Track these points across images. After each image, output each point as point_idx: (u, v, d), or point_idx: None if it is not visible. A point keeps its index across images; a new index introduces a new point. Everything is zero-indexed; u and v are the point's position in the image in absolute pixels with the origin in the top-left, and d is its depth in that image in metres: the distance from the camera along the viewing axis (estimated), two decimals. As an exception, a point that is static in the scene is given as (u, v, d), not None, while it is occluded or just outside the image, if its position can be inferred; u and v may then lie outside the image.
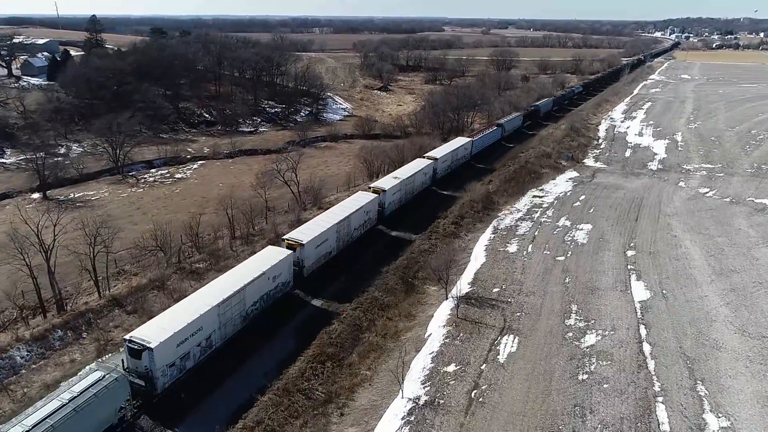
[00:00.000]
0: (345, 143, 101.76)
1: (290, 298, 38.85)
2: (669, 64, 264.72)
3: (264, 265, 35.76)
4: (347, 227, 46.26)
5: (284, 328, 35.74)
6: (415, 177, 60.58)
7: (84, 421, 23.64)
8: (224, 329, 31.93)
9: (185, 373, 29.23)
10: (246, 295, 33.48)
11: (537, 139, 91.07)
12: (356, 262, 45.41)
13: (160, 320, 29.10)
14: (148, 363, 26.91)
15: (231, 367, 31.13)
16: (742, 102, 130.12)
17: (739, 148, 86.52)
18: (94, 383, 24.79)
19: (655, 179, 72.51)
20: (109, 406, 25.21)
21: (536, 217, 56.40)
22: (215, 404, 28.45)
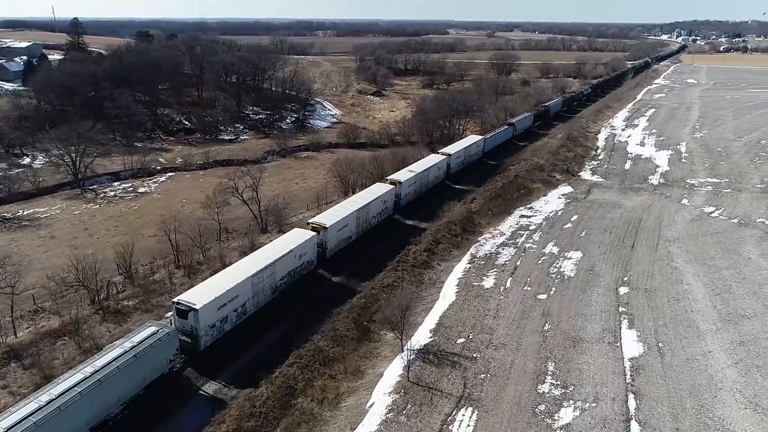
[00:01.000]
0: (328, 153, 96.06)
1: (314, 275, 43.13)
2: (675, 67, 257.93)
3: (292, 243, 39.92)
4: (366, 215, 49.63)
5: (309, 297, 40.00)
6: (429, 171, 63.97)
7: (142, 367, 27.38)
8: (257, 298, 35.91)
9: (224, 335, 33.00)
10: (276, 270, 37.37)
11: (530, 150, 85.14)
12: (373, 248, 49.10)
13: (203, 287, 33.12)
14: (194, 322, 30.65)
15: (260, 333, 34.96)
16: (751, 109, 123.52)
17: (748, 161, 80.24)
18: (150, 335, 28.41)
19: (656, 196, 66.44)
20: (162, 356, 28.86)
21: (521, 242, 50.49)
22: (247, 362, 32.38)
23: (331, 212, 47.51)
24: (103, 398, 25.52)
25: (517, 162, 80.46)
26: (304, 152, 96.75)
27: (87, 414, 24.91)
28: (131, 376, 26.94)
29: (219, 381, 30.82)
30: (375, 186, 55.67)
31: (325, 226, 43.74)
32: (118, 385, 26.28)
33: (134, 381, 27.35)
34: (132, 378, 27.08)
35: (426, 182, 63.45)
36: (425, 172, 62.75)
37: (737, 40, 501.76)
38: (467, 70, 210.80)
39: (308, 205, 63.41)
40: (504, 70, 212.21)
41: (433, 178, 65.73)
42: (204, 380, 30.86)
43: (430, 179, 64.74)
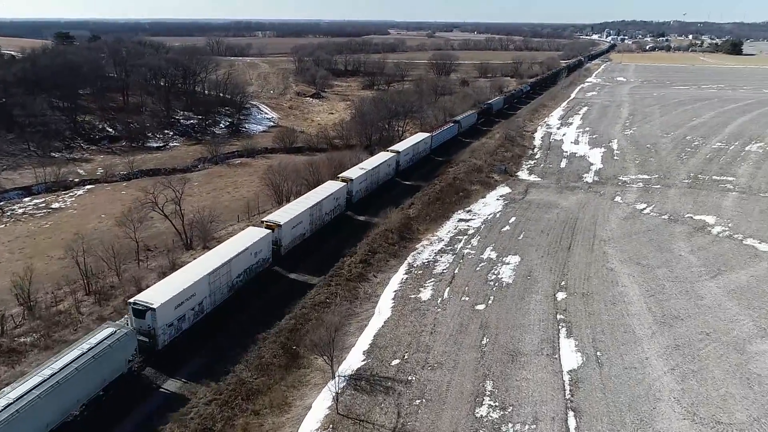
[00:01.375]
0: (263, 159, 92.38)
1: (270, 273, 43.66)
2: (605, 66, 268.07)
3: (247, 242, 40.42)
4: (319, 212, 51.08)
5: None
6: (379, 168, 65.94)
7: (101, 368, 27.48)
8: (213, 296, 36.26)
9: (181, 333, 33.26)
10: (232, 267, 37.91)
11: (468, 150, 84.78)
12: (327, 244, 50.06)
13: (159, 287, 33.37)
14: (151, 322, 30.82)
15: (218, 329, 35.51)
16: (676, 105, 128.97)
17: (675, 156, 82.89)
18: (108, 336, 28.55)
19: (591, 194, 67.10)
20: (121, 356, 29.03)
21: (459, 247, 49.23)
22: (205, 359, 32.69)
23: (285, 210, 48.74)
24: (62, 400, 25.71)
25: (462, 158, 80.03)
26: (238, 159, 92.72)
27: (47, 416, 25.04)
28: (90, 377, 27.16)
29: (179, 378, 30.93)
30: (327, 183, 56.99)
31: (279, 223, 44.76)
32: (77, 387, 26.44)
33: (93, 382, 27.62)
34: (91, 379, 27.31)
35: (377, 179, 65.38)
36: (376, 169, 64.57)
37: (661, 40, 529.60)
38: (407, 71, 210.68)
39: (239, 217, 60.04)
40: (443, 70, 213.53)
41: (384, 174, 67.82)
42: (164, 378, 31.04)
43: (381, 176, 66.72)
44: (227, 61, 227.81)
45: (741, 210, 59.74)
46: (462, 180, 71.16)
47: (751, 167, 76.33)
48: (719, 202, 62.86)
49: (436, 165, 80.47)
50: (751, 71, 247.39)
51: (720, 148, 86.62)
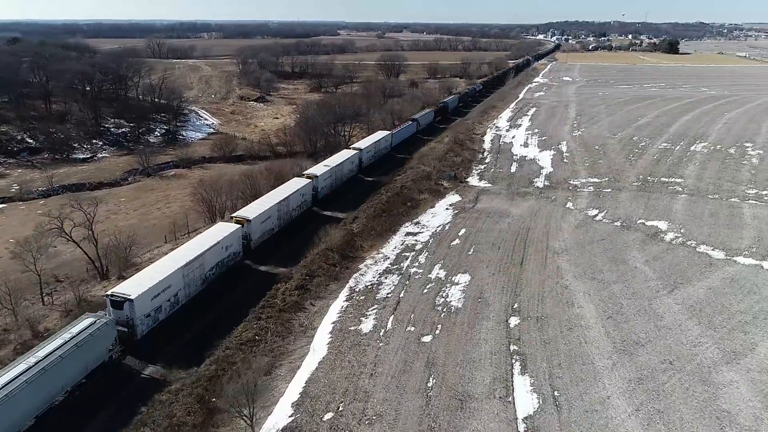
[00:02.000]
0: (200, 169, 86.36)
1: (241, 266, 45.00)
2: (551, 66, 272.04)
3: (218, 236, 41.69)
4: (287, 207, 52.85)
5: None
6: (343, 165, 67.80)
7: (83, 356, 28.77)
8: (188, 289, 37.44)
9: (159, 324, 34.38)
10: (205, 261, 39.06)
11: (416, 157, 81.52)
12: (294, 239, 51.61)
13: (135, 279, 34.54)
14: (129, 312, 31.82)
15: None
16: (621, 105, 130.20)
17: (624, 158, 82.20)
18: (89, 326, 29.73)
19: (543, 200, 64.94)
20: (102, 344, 30.22)
21: (405, 266, 45.57)
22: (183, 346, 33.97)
23: (254, 205, 49.93)
24: (48, 386, 26.74)
25: (410, 165, 76.78)
26: (173, 170, 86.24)
27: (33, 402, 26.04)
28: (74, 365, 28.26)
29: (158, 364, 31.99)
30: (294, 180, 58.56)
31: (248, 218, 46.12)
32: (61, 374, 27.51)
33: (77, 369, 28.67)
34: (74, 366, 28.37)
35: (341, 175, 67.51)
36: (339, 166, 66.66)
37: (603, 39, 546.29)
38: (356, 72, 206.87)
39: (166, 237, 54.43)
40: (393, 71, 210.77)
41: (347, 171, 69.78)
42: (143, 365, 32.09)
43: (344, 173, 68.78)
44: (168, 64, 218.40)
45: (691, 214, 58.69)
46: (410, 189, 67.71)
47: (697, 168, 76.24)
48: (670, 205, 61.77)
49: (397, 162, 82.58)
50: (689, 70, 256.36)
51: (666, 148, 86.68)
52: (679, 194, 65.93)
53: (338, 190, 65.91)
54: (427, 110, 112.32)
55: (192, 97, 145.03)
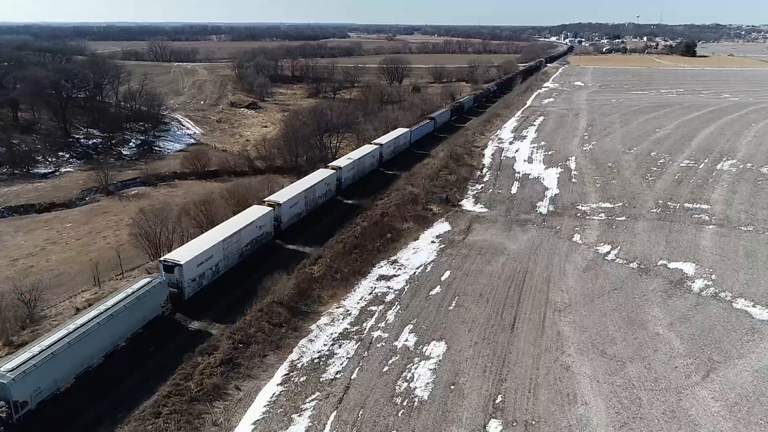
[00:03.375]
0: (166, 188, 78.16)
1: (272, 244, 49.62)
2: (563, 69, 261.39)
3: (253, 217, 46.83)
4: (313, 194, 56.89)
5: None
6: (365, 158, 71.76)
7: (142, 308, 33.95)
8: (227, 260, 42.40)
9: (202, 289, 39.45)
10: (241, 237, 44.20)
11: (404, 177, 72.40)
12: (320, 223, 55.65)
13: (184, 248, 39.93)
14: (179, 275, 37.15)
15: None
16: (637, 114, 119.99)
17: (640, 177, 72.51)
18: (146, 284, 34.99)
19: (545, 231, 55.70)
20: (156, 300, 35.40)
21: (368, 327, 36.69)
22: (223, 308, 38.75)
23: (284, 192, 54.66)
24: (114, 330, 31.72)
25: (396, 187, 68.02)
26: (136, 188, 78.02)
27: (104, 341, 30.98)
28: (134, 315, 33.23)
29: (202, 321, 36.80)
30: (319, 171, 63.11)
31: (279, 203, 50.91)
32: (125, 321, 32.53)
33: (136, 319, 33.65)
34: (135, 316, 33.35)
35: (362, 168, 71.01)
36: (361, 159, 70.48)
37: (617, 42, 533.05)
38: (358, 76, 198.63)
39: (97, 279, 45.88)
40: (395, 75, 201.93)
41: (368, 164, 73.39)
42: (190, 321, 36.76)
43: (366, 166, 72.38)
44: (163, 68, 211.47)
45: (722, 252, 49.14)
46: (392, 216, 58.70)
47: (725, 191, 66.41)
48: (696, 240, 52.27)
49: (416, 157, 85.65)
50: (708, 74, 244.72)
51: (689, 166, 76.77)
52: (706, 225, 56.31)
53: (359, 181, 69.66)
54: (443, 109, 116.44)
55: (179, 104, 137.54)
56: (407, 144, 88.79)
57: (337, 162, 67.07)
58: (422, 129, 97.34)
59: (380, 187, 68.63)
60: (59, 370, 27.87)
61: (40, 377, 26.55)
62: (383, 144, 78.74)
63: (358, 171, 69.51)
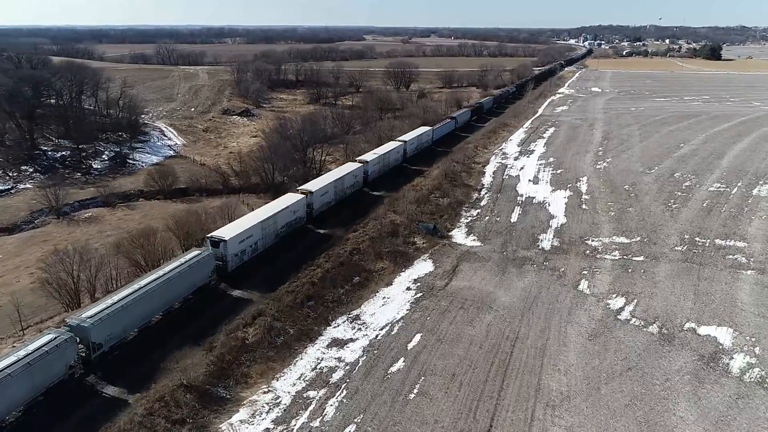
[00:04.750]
0: (125, 209, 70.08)
1: (305, 228, 54.31)
2: (580, 74, 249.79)
3: (288, 202, 51.70)
4: (342, 185, 61.44)
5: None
6: (390, 154, 74.94)
7: (192, 275, 39.10)
8: (264, 240, 47.13)
9: (243, 263, 44.40)
10: (278, 220, 49.07)
11: (388, 202, 63.03)
12: (347, 211, 59.19)
13: (228, 227, 44.99)
14: (223, 250, 42.07)
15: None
16: (658, 125, 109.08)
17: (662, 205, 62.44)
18: (198, 253, 40.50)
19: (545, 276, 46.25)
20: (205, 269, 40.64)
21: (297, 427, 27.68)
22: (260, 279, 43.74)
23: (316, 181, 58.91)
24: (170, 293, 37.35)
25: (378, 212, 59.02)
26: (92, 209, 70.03)
27: (161, 301, 36.74)
28: (187, 280, 38.48)
29: (243, 290, 42.28)
30: (347, 164, 66.66)
31: (311, 191, 55.20)
32: (179, 285, 37.83)
33: (188, 283, 39.00)
34: (187, 281, 38.67)
35: (387, 163, 74.66)
36: (386, 155, 74.14)
37: (638, 44, 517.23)
38: (363, 81, 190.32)
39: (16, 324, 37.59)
40: (402, 80, 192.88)
41: (393, 160, 76.86)
42: (232, 290, 42.30)
43: (391, 161, 75.87)
44: (163, 72, 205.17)
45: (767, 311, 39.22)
46: (365, 253, 49.72)
47: (765, 224, 56.10)
48: (731, 292, 42.43)
49: (437, 154, 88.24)
50: (734, 78, 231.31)
51: (719, 191, 66.38)
52: (744, 270, 46.33)
53: (385, 175, 73.26)
54: (464, 109, 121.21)
55: (167, 112, 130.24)
56: (429, 142, 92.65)
57: (363, 157, 71.02)
58: (444, 128, 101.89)
59: (404, 181, 71.45)
60: (127, 321, 33.79)
61: (112, 325, 32.40)
62: (407, 141, 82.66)
63: (384, 165, 73.96)
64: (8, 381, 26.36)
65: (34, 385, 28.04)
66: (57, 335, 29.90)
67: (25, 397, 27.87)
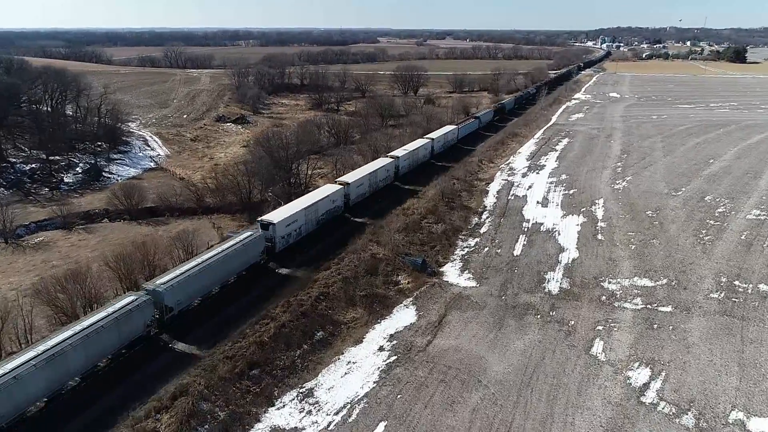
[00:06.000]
0: (82, 232, 62.77)
1: (342, 217, 58.72)
2: (597, 78, 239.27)
3: (328, 192, 56.77)
4: (375, 178, 66.50)
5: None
6: (419, 150, 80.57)
7: (245, 254, 43.93)
8: (307, 225, 52.06)
9: (288, 245, 49.22)
10: (319, 207, 54.04)
11: (369, 231, 54.76)
12: (380, 203, 64.07)
13: (276, 212, 50.18)
14: (272, 232, 47.19)
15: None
16: (683, 136, 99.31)
17: (692, 236, 53.43)
18: (250, 235, 45.03)
19: (551, 332, 37.85)
20: (256, 249, 45.65)
21: None
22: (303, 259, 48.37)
23: (353, 174, 64.68)
24: (228, 267, 42.09)
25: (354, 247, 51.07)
26: (44, 232, 62.79)
27: (219, 274, 41.36)
28: (240, 258, 43.29)
29: (289, 268, 47.02)
30: (380, 159, 71.93)
31: (348, 182, 60.52)
32: (234, 261, 42.71)
33: (242, 261, 43.73)
34: (240, 259, 43.42)
35: (417, 158, 78.99)
36: (416, 151, 78.54)
37: (658, 46, 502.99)
38: (369, 85, 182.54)
39: None
40: (410, 84, 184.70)
41: (422, 156, 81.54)
42: (280, 268, 47.15)
43: (420, 157, 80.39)
44: (161, 75, 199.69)
45: (837, 396, 30.35)
46: (333, 298, 41.72)
47: (819, 264, 46.88)
48: (787, 363, 33.52)
49: (463, 152, 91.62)
50: (763, 82, 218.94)
51: (759, 220, 57.03)
52: (799, 329, 37.32)
53: (414, 170, 77.83)
54: (487, 109, 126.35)
55: (157, 119, 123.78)
56: (455, 140, 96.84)
57: (395, 152, 75.73)
58: (468, 127, 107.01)
59: (433, 175, 73.06)
60: (192, 289, 38.55)
61: (181, 291, 37.33)
62: (434, 138, 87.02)
63: (413, 161, 78.74)
64: (101, 331, 31.67)
65: (120, 338, 33.34)
66: (137, 297, 34.84)
67: (113, 347, 33.17)
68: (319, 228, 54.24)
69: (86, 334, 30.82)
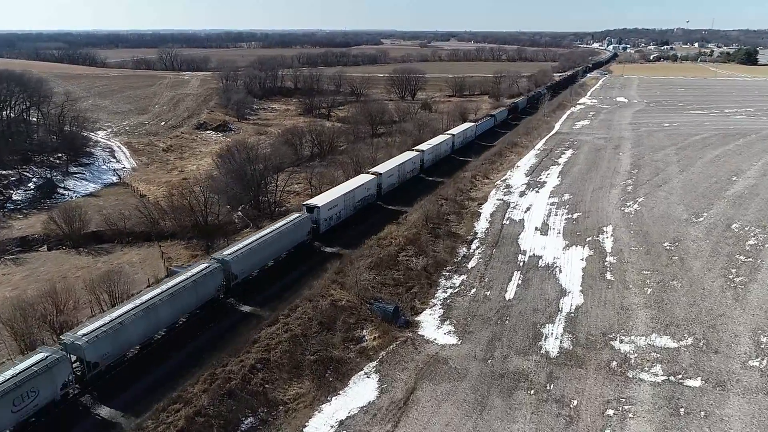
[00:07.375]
0: (9, 264, 54.44)
1: (375, 205, 64.14)
2: (604, 81, 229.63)
3: (362, 180, 62.11)
4: (403, 170, 72.05)
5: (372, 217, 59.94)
6: (440, 146, 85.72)
7: (295, 234, 49.21)
8: (345, 210, 57.35)
9: (330, 228, 54.41)
10: (355, 194, 59.38)
11: (333, 270, 46.35)
12: (409, 193, 68.50)
13: (320, 197, 55.68)
14: (317, 215, 52.50)
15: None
16: (701, 148, 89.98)
17: (720, 277, 44.53)
18: (298, 216, 50.80)
19: (548, 417, 29.75)
20: (303, 230, 50.68)
21: None
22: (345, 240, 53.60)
23: (384, 165, 69.56)
24: (281, 243, 47.38)
25: (312, 290, 42.91)
26: (-35, 263, 54.69)
27: (275, 249, 46.64)
28: (289, 238, 48.31)
29: (333, 247, 52.20)
30: (405, 153, 77.40)
31: (380, 173, 65.52)
32: (285, 240, 47.84)
33: (290, 240, 48.76)
34: (289, 238, 48.44)
35: (438, 154, 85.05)
36: (438, 146, 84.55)
37: (665, 48, 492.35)
38: (364, 89, 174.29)
39: None
40: (407, 88, 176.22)
41: (443, 151, 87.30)
42: (324, 246, 52.60)
43: (441, 152, 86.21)
44: (150, 79, 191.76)
45: None
46: (274, 367, 33.27)
47: None
48: None
49: (480, 148, 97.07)
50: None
51: (799, 255, 48.03)
52: None
53: (437, 164, 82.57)
54: (501, 108, 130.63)
55: (132, 126, 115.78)
56: (473, 137, 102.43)
57: (419, 147, 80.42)
58: (485, 124, 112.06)
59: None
60: (253, 261, 44.14)
61: (244, 261, 42.82)
62: (455, 135, 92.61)
63: (436, 155, 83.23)
64: (183, 291, 37.06)
65: (197, 298, 38.63)
66: (209, 264, 40.10)
67: (190, 306, 38.39)
68: (356, 213, 59.41)
69: (172, 292, 36.31)
